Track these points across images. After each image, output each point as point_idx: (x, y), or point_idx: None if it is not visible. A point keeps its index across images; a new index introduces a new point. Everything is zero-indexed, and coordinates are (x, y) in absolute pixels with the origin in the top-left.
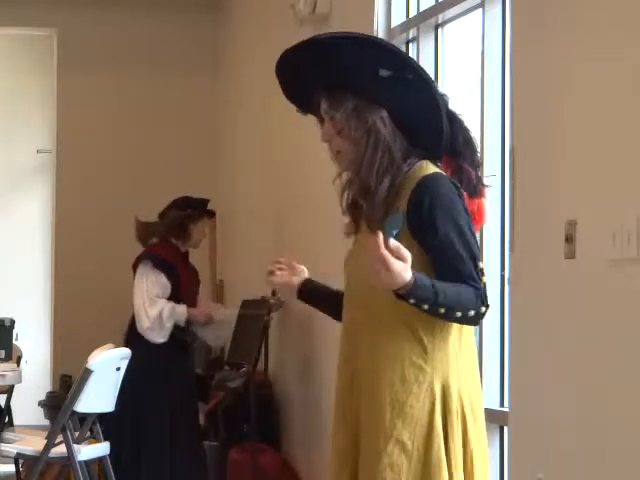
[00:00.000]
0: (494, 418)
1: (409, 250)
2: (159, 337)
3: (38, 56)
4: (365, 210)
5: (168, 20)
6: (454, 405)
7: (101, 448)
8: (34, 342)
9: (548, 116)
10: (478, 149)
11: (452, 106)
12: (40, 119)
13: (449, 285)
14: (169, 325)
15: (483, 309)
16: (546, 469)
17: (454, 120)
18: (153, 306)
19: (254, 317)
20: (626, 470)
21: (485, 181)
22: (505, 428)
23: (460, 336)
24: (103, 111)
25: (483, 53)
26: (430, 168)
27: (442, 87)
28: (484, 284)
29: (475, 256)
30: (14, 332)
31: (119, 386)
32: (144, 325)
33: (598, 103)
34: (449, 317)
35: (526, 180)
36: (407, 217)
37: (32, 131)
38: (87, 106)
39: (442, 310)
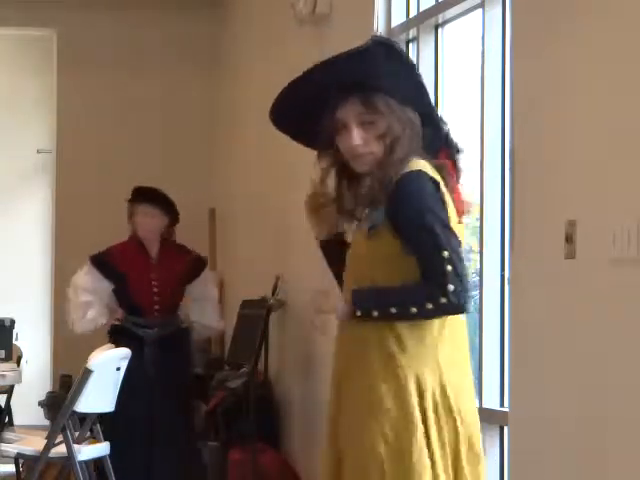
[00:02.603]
0: (494, 418)
1: (392, 244)
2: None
3: (38, 56)
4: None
5: (168, 20)
6: (430, 401)
7: (101, 448)
8: (34, 342)
9: (548, 116)
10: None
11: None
12: (40, 119)
13: (396, 286)
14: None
15: (443, 300)
16: (546, 469)
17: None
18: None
19: (254, 317)
20: (626, 470)
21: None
22: (505, 428)
23: (442, 330)
24: (103, 111)
25: (483, 53)
26: (415, 164)
27: (442, 87)
28: (456, 274)
29: (441, 247)
30: (14, 332)
31: (119, 386)
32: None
33: (598, 103)
34: (406, 315)
35: (526, 180)
36: (386, 212)
37: (32, 131)
38: (87, 106)
39: (394, 310)
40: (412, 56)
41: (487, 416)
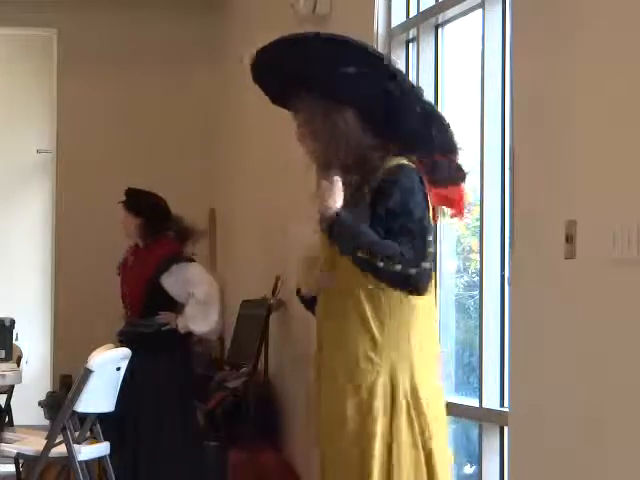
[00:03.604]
0: (494, 418)
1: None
2: None
3: (38, 56)
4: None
5: (168, 20)
6: (402, 400)
7: (101, 448)
8: (34, 342)
9: (548, 116)
10: (455, 136)
11: (426, 97)
12: (40, 119)
13: (379, 237)
14: None
15: (412, 270)
16: (546, 469)
17: (427, 111)
18: None
19: (254, 317)
20: (626, 470)
21: (464, 167)
22: (505, 428)
23: (414, 326)
24: (103, 111)
25: (483, 53)
26: (396, 160)
27: (442, 87)
28: (432, 259)
29: (427, 232)
30: (14, 332)
31: (119, 386)
32: None
33: (598, 103)
34: (372, 263)
35: (526, 180)
36: (371, 206)
37: (32, 131)
38: (87, 106)
39: (362, 254)
40: (412, 56)
41: (487, 416)
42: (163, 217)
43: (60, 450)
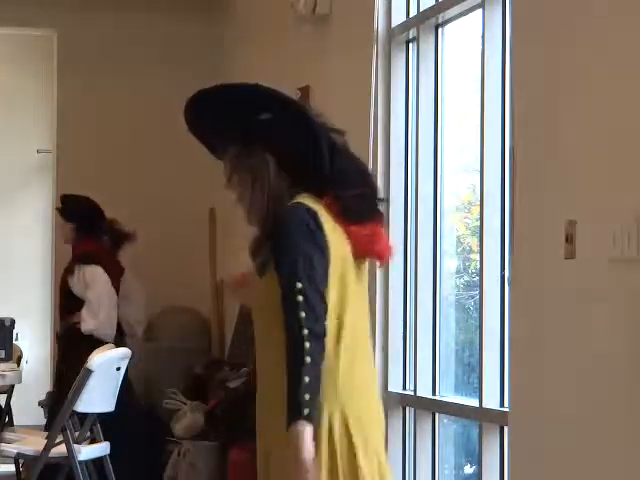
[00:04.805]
0: (494, 418)
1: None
2: None
3: (38, 56)
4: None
5: (168, 20)
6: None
7: (101, 448)
8: (34, 342)
9: (548, 116)
10: (373, 175)
11: (334, 135)
12: (40, 119)
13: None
14: None
15: (305, 331)
16: (546, 469)
17: (335, 150)
18: None
19: None
20: (625, 470)
21: (379, 206)
22: (505, 428)
23: (338, 357)
24: (103, 111)
25: (483, 53)
26: (295, 200)
27: (442, 87)
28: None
29: (296, 277)
30: (14, 332)
31: (119, 386)
32: None
33: (598, 103)
34: (300, 364)
35: (526, 180)
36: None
37: (32, 131)
38: (87, 106)
39: (307, 379)
40: (412, 56)
41: (487, 416)
42: (94, 222)
43: (60, 450)
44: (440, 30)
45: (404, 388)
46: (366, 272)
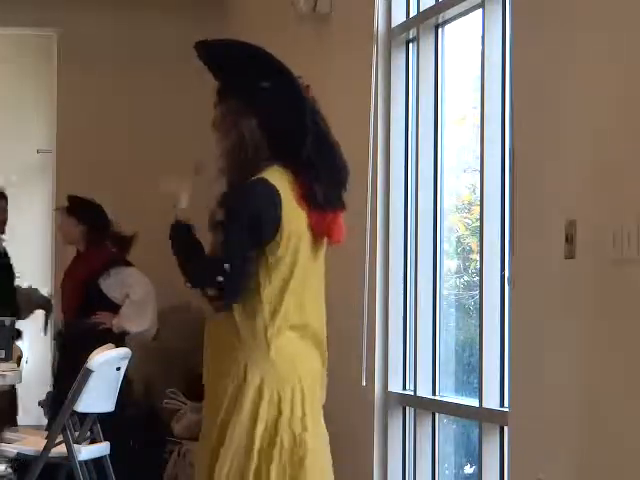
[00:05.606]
0: (494, 418)
1: None
2: None
3: (38, 56)
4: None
5: (168, 20)
6: (267, 398)
7: (101, 448)
8: (34, 342)
9: (548, 116)
10: (345, 165)
11: (322, 123)
12: (40, 119)
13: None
14: None
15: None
16: (546, 469)
17: (318, 136)
18: None
19: None
20: (625, 470)
21: (342, 197)
22: (505, 428)
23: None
24: (103, 111)
25: (483, 53)
26: (266, 173)
27: (442, 87)
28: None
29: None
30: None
31: (119, 386)
32: None
33: (598, 103)
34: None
35: (526, 180)
36: None
37: (32, 131)
38: (87, 106)
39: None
40: (412, 56)
41: (487, 416)
42: (105, 225)
43: (60, 450)
44: (440, 30)
45: (404, 388)
46: (322, 252)
